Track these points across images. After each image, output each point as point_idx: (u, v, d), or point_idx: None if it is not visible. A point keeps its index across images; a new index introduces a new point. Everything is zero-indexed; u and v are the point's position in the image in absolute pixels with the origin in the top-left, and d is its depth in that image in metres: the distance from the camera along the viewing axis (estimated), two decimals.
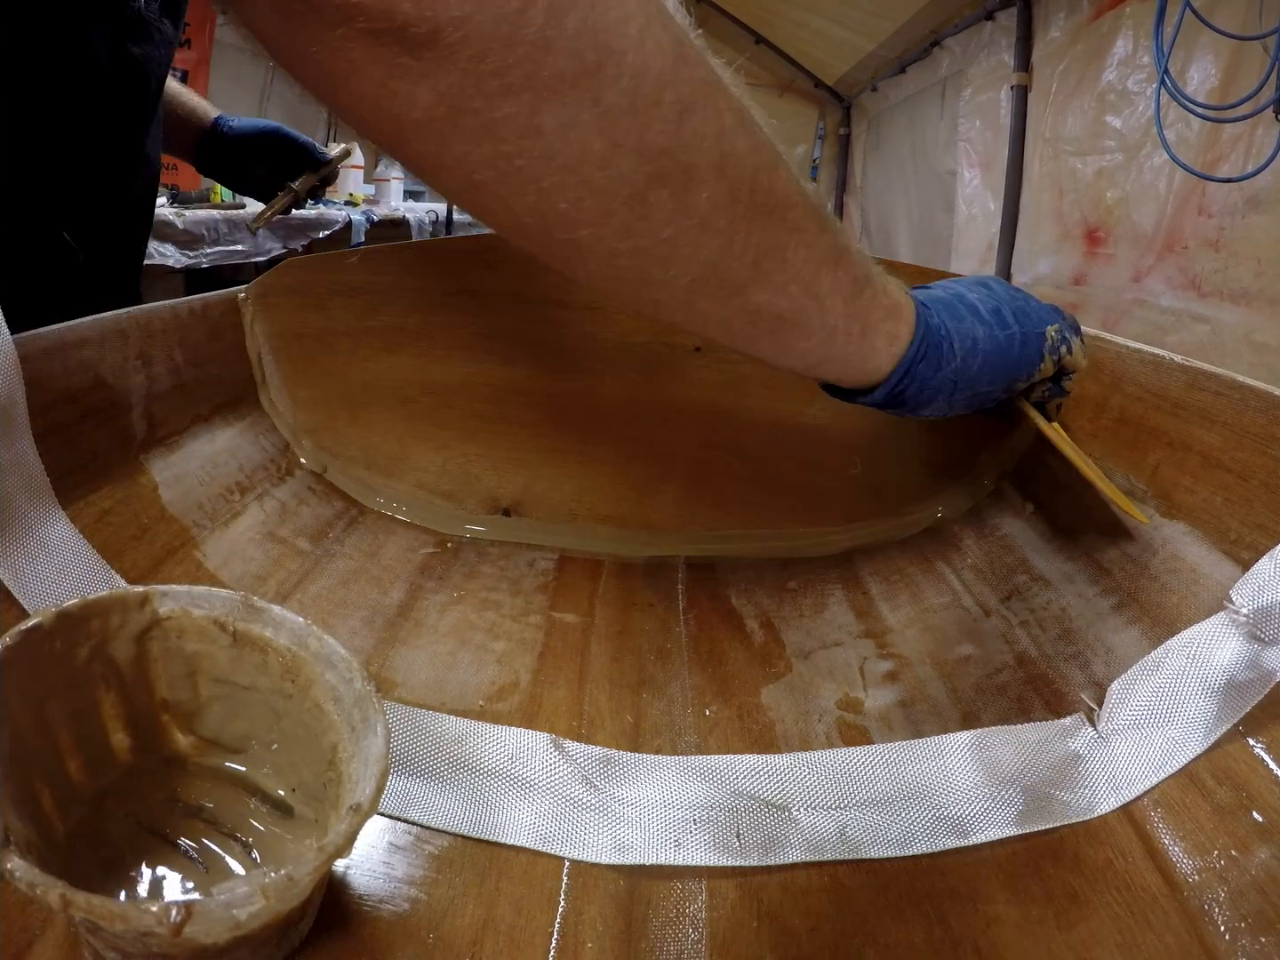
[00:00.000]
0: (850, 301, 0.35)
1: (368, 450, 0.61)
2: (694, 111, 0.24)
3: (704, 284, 0.30)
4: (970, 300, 0.42)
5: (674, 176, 0.25)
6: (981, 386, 0.42)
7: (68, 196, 0.59)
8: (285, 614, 0.30)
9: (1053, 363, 0.44)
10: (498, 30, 0.20)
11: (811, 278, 0.32)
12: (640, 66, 0.22)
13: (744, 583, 0.57)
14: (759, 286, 0.31)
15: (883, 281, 0.37)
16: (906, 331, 0.38)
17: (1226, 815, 0.32)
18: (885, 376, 0.39)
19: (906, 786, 0.37)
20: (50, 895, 0.20)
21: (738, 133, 0.26)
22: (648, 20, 0.22)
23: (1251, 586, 0.36)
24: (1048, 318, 0.44)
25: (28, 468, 0.39)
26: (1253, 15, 1.16)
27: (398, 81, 0.21)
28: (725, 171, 0.26)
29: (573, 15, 0.20)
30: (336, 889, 0.30)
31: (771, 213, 0.29)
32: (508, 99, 0.21)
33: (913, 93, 2.64)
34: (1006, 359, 0.42)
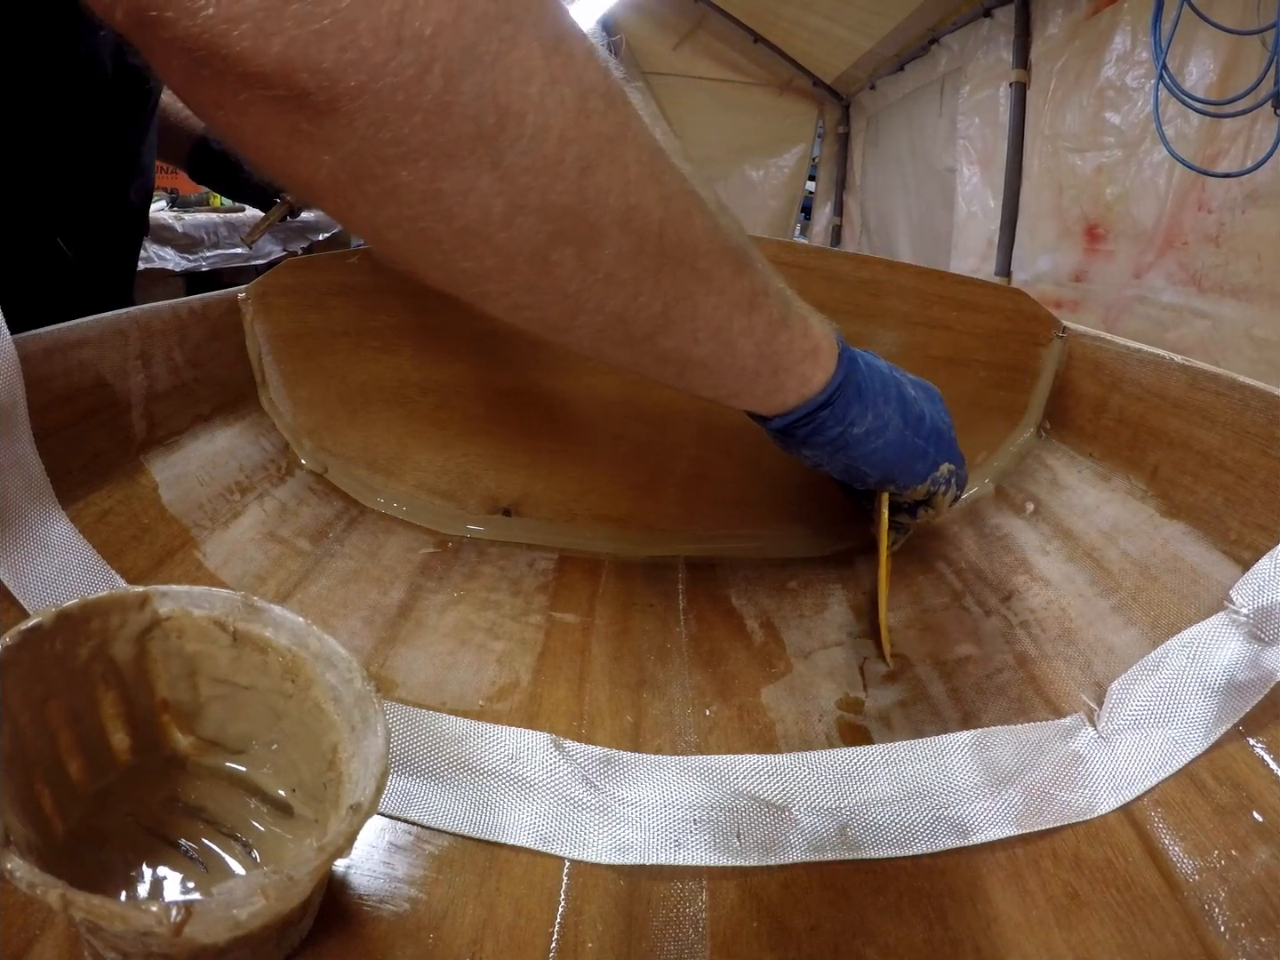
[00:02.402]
0: (764, 344, 0.35)
1: (368, 450, 0.61)
2: (597, 168, 0.24)
3: (610, 333, 0.30)
4: (908, 394, 0.44)
5: (576, 234, 0.25)
6: (863, 465, 0.43)
7: (62, 203, 0.59)
8: (285, 614, 0.30)
9: (927, 491, 0.47)
10: (394, 98, 0.19)
11: (722, 323, 0.32)
12: (540, 126, 0.22)
13: (744, 583, 0.57)
14: (666, 334, 0.31)
15: (804, 323, 0.38)
16: (821, 377, 0.39)
17: (1226, 815, 0.32)
18: (788, 410, 0.39)
19: (907, 786, 0.37)
20: (50, 895, 0.20)
21: (645, 185, 0.26)
22: (551, 77, 0.22)
23: (1252, 586, 0.36)
24: (952, 457, 0.47)
25: (28, 468, 0.39)
26: (1250, 10, 1.16)
27: (301, 147, 0.21)
28: (630, 225, 0.26)
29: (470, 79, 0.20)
30: (336, 889, 0.30)
31: (680, 263, 0.29)
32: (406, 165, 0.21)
33: (911, 90, 2.64)
34: (900, 460, 0.43)
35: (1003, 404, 0.61)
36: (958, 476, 0.48)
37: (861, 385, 0.40)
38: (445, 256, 0.24)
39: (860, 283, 0.59)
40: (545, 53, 0.22)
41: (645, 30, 3.31)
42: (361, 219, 0.24)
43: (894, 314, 0.59)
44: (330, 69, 0.19)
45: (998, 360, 0.60)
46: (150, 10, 0.18)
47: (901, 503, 0.49)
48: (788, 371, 0.37)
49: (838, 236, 3.34)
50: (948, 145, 2.34)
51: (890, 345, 0.60)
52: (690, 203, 0.29)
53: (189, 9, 0.18)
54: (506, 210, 0.23)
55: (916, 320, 0.59)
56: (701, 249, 0.30)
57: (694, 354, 0.33)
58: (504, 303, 0.27)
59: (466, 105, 0.20)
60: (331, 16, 0.18)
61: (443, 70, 0.19)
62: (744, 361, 0.35)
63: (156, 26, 0.18)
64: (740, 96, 3.35)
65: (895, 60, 2.67)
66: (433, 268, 0.25)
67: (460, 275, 0.25)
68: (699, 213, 0.29)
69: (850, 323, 0.59)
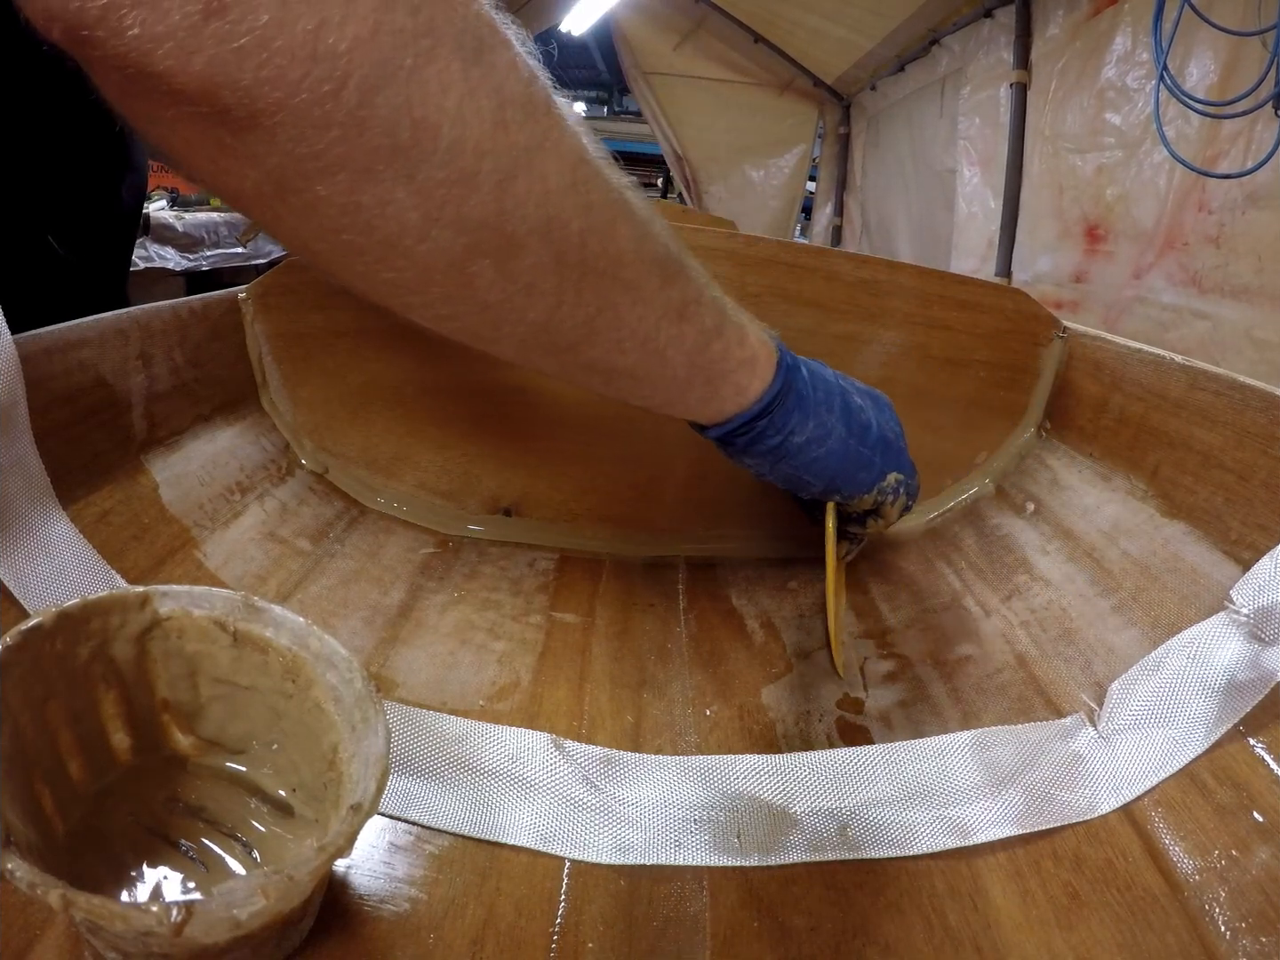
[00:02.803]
0: (696, 353, 0.35)
1: (368, 450, 0.61)
2: (514, 179, 0.24)
3: (534, 342, 0.30)
4: (854, 403, 0.43)
5: (494, 245, 0.25)
6: (806, 474, 0.42)
7: (53, 200, 0.59)
8: (286, 614, 0.30)
9: (874, 501, 0.46)
10: (311, 114, 0.20)
11: (650, 333, 0.32)
12: (456, 139, 0.22)
13: (744, 583, 0.57)
14: (591, 344, 0.31)
15: (740, 332, 0.37)
16: (759, 386, 0.38)
17: (1227, 815, 0.32)
18: (726, 419, 0.39)
19: (907, 786, 0.37)
20: (51, 895, 0.20)
21: (566, 195, 0.26)
22: (469, 89, 0.22)
23: (1252, 586, 0.36)
24: (900, 466, 0.46)
25: (28, 468, 0.39)
26: (1251, 11, 1.16)
27: (228, 161, 0.21)
28: (550, 236, 0.26)
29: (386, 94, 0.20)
30: (337, 889, 0.30)
31: (603, 273, 0.29)
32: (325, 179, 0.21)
33: (912, 91, 2.64)
34: (843, 469, 0.43)
35: (1003, 404, 0.61)
36: (908, 486, 0.47)
37: (803, 394, 0.40)
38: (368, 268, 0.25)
39: (860, 283, 0.59)
40: (464, 65, 0.22)
41: (646, 30, 3.31)
42: (288, 230, 0.24)
43: (894, 314, 0.59)
44: (249, 86, 0.19)
45: (998, 360, 0.60)
46: (82, 29, 0.18)
47: (850, 512, 0.48)
48: (722, 380, 0.37)
49: (838, 237, 3.34)
50: (948, 146, 2.34)
51: (890, 345, 0.60)
52: (615, 212, 0.28)
53: (116, 29, 0.18)
54: (422, 223, 0.23)
55: (917, 320, 0.59)
56: (626, 259, 0.29)
57: (620, 363, 0.32)
58: (427, 314, 0.27)
59: (382, 120, 0.21)
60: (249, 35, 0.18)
61: (358, 85, 0.20)
62: (674, 371, 0.34)
63: (89, 45, 0.19)
64: (741, 97, 3.35)
65: (896, 61, 2.67)
66: (357, 279, 0.26)
67: (383, 286, 0.26)
68: (624, 222, 0.29)
69: (850, 323, 0.59)
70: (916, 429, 0.61)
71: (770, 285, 0.58)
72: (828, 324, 0.59)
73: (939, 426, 0.61)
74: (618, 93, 7.67)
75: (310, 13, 0.19)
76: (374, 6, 0.19)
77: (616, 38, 3.38)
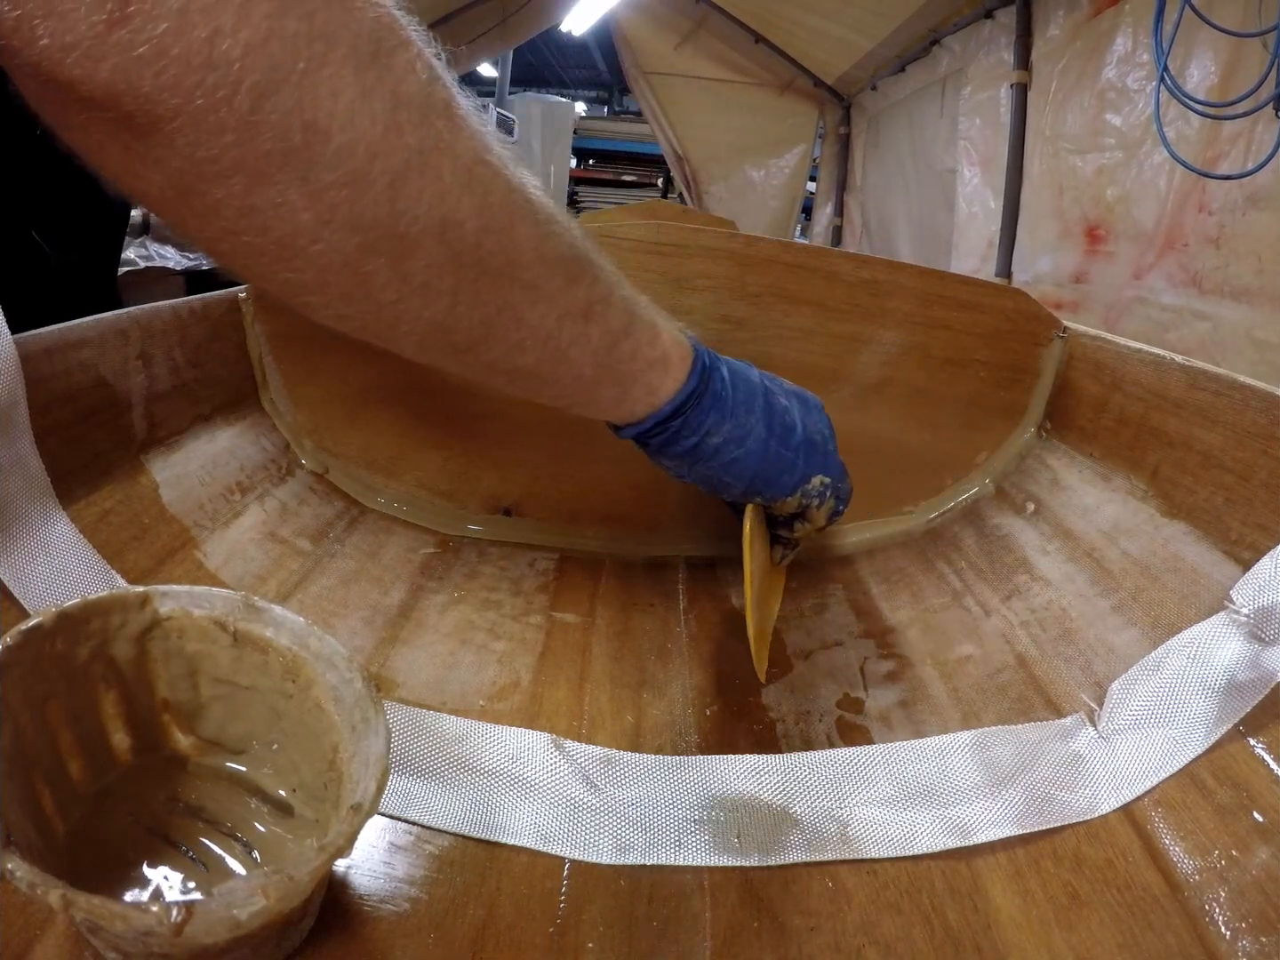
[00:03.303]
0: (603, 354, 0.35)
1: (368, 450, 0.61)
2: (406, 181, 0.24)
3: (433, 342, 0.30)
4: (778, 404, 0.43)
5: (387, 246, 0.25)
6: (723, 476, 0.42)
7: (36, 196, 0.59)
8: (286, 614, 0.30)
9: (799, 504, 0.45)
10: (206, 119, 0.20)
11: (551, 333, 0.32)
12: (348, 142, 0.22)
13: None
14: (490, 343, 0.31)
15: (652, 332, 0.37)
16: (671, 386, 0.38)
17: (1227, 815, 0.32)
18: (638, 420, 0.39)
19: (907, 786, 0.37)
20: (51, 895, 0.20)
21: (461, 195, 0.26)
22: (361, 92, 0.22)
23: (1252, 586, 0.36)
24: (828, 470, 0.45)
25: (28, 468, 0.39)
26: (1252, 12, 1.16)
27: (135, 164, 0.22)
28: (445, 236, 0.26)
29: (277, 98, 0.21)
30: (337, 889, 0.30)
31: (500, 273, 0.29)
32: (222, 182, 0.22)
33: (912, 91, 2.64)
34: (762, 471, 0.42)
35: (1003, 404, 0.61)
36: (836, 490, 0.46)
37: (720, 394, 0.40)
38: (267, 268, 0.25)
39: (861, 283, 0.59)
40: (357, 68, 0.22)
41: (646, 30, 3.31)
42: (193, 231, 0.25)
43: (894, 314, 0.59)
44: (150, 93, 0.20)
45: (998, 360, 0.60)
46: None
47: (776, 515, 0.47)
48: (632, 380, 0.37)
49: (838, 237, 3.34)
50: (948, 146, 2.34)
51: (890, 345, 0.60)
52: (514, 212, 0.28)
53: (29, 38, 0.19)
54: (316, 224, 0.23)
55: (917, 320, 0.59)
56: (525, 259, 0.29)
57: (522, 363, 0.32)
58: (327, 313, 0.28)
59: (274, 124, 0.21)
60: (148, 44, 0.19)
61: (249, 91, 0.20)
62: (580, 370, 0.34)
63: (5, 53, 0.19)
64: (741, 97, 3.35)
65: (896, 61, 2.67)
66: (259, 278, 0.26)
67: (284, 286, 0.26)
68: (524, 222, 0.29)
69: (850, 323, 0.59)
70: (916, 429, 0.61)
71: (770, 285, 0.58)
72: (828, 324, 0.59)
73: (939, 426, 0.61)
74: (618, 93, 7.67)
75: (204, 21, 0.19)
76: (267, 13, 0.20)
77: (617, 38, 3.38)
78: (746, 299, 0.59)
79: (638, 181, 5.31)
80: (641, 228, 0.58)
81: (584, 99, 7.57)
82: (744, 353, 0.60)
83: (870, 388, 0.60)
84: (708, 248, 0.58)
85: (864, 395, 0.60)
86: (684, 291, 0.58)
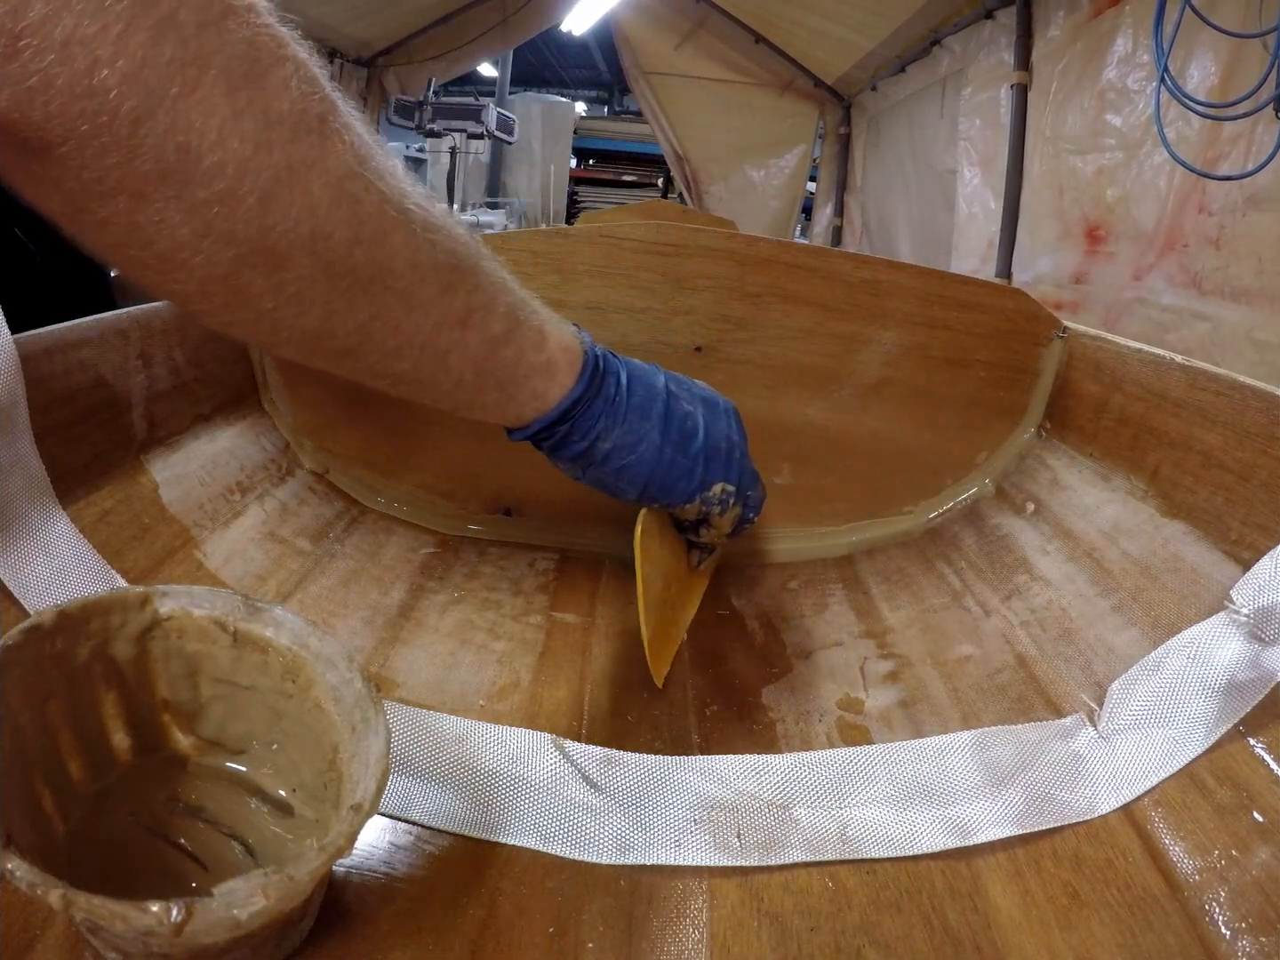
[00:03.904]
0: (484, 359, 0.35)
1: (368, 450, 0.61)
2: (276, 197, 0.25)
3: (315, 348, 0.31)
4: (680, 410, 0.43)
5: (260, 259, 0.26)
6: (617, 481, 0.42)
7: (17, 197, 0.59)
8: (286, 614, 0.30)
9: (699, 511, 0.45)
10: (91, 144, 0.22)
11: (428, 340, 0.33)
12: (219, 161, 0.24)
13: (744, 583, 0.57)
14: (367, 350, 0.32)
15: (538, 337, 0.38)
16: (558, 391, 0.39)
17: (1227, 815, 0.32)
18: (526, 424, 0.40)
19: (907, 786, 0.37)
20: (51, 895, 0.20)
21: (332, 208, 0.27)
22: (233, 113, 0.24)
23: (1252, 586, 0.36)
24: (729, 476, 0.44)
25: (28, 468, 0.39)
26: (1252, 13, 1.16)
27: (37, 185, 0.24)
28: (315, 248, 0.27)
29: (154, 122, 0.22)
30: (336, 889, 0.30)
31: (373, 282, 0.30)
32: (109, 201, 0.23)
33: (912, 92, 2.64)
34: (656, 477, 0.42)
35: (1003, 404, 0.61)
36: (745, 498, 0.46)
37: (612, 399, 0.40)
38: (155, 280, 0.27)
39: (861, 283, 0.59)
40: (229, 90, 0.23)
41: (647, 30, 3.31)
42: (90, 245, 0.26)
43: (894, 314, 0.59)
44: (41, 120, 0.21)
45: (998, 360, 0.60)
46: None
47: (682, 521, 0.47)
48: (516, 385, 0.38)
49: (838, 237, 3.34)
50: (949, 146, 2.34)
51: (890, 345, 0.60)
52: (386, 224, 0.29)
53: None
54: (193, 239, 0.25)
55: (917, 320, 0.59)
56: (398, 268, 0.30)
57: (400, 368, 0.33)
58: (214, 320, 0.29)
59: (151, 146, 0.23)
60: (37, 75, 0.20)
61: (127, 116, 0.22)
62: (460, 376, 0.35)
63: None
64: (741, 97, 3.35)
65: (896, 61, 2.67)
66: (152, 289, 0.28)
67: (174, 296, 0.28)
68: (397, 233, 0.30)
69: (850, 323, 0.59)
70: (916, 429, 0.61)
71: (770, 285, 0.58)
72: (828, 324, 0.59)
73: (939, 426, 0.61)
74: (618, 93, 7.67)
75: (84, 53, 0.21)
76: (142, 43, 0.21)
77: (617, 38, 3.38)
78: (746, 299, 0.59)
79: (638, 181, 5.31)
80: (641, 228, 0.58)
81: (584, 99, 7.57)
82: (744, 353, 0.60)
83: (870, 388, 0.60)
84: (708, 248, 0.58)
85: (864, 395, 0.60)
86: (684, 291, 0.58)
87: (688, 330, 0.59)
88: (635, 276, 0.58)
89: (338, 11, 2.82)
